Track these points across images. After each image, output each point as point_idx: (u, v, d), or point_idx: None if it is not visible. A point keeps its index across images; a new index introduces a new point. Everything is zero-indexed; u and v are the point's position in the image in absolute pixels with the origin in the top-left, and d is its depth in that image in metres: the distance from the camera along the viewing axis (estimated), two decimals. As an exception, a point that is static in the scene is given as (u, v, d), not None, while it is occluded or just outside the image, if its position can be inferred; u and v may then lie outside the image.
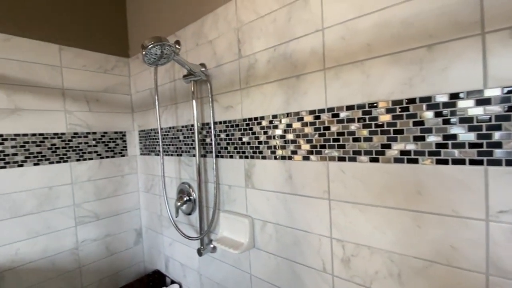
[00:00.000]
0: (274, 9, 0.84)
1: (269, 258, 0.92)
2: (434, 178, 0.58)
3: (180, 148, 1.26)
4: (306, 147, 0.79)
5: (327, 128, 0.74)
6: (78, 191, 1.35)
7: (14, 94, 1.17)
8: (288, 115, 0.83)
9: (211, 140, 1.09)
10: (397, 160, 0.63)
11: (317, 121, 0.76)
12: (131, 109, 1.59)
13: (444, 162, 0.56)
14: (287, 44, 0.81)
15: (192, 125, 1.18)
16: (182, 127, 1.24)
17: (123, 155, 1.54)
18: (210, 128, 1.09)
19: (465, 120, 0.54)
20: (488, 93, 0.51)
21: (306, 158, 0.79)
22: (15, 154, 1.16)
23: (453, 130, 0.55)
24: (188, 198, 1.22)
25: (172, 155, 1.32)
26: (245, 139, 0.96)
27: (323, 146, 0.75)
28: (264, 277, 0.94)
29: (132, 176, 1.58)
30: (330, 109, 0.73)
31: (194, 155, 1.17)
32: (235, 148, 1.00)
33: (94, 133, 1.42)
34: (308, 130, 0.78)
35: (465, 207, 0.54)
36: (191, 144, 1.20)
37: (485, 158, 0.52)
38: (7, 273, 1.14)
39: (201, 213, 1.14)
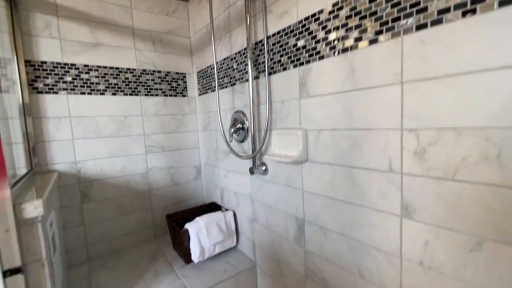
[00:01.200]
0: None
1: (323, 169, 0.85)
2: None
3: (234, 77, 1.26)
4: (374, 26, 0.67)
5: (403, -7, 0.60)
6: (147, 123, 1.51)
7: (96, 31, 1.33)
8: (351, -4, 0.71)
9: (264, 58, 1.04)
10: (502, 4, 0.46)
11: (389, -12, 0.62)
12: (190, 52, 1.66)
13: None
14: None
15: (245, 49, 1.15)
16: (236, 54, 1.23)
17: (184, 95, 1.64)
18: (263, 45, 1.04)
19: None
20: None
21: (373, 41, 0.67)
22: (98, 83, 1.35)
23: None
24: (241, 126, 1.22)
25: (226, 87, 1.33)
26: (300, 43, 0.88)
27: (396, 19, 0.62)
28: (317, 191, 0.88)
29: (192, 116, 1.68)
30: (409, -33, 0.59)
31: (247, 80, 1.15)
32: (289, 58, 0.93)
33: (159, 71, 1.54)
34: (376, 6, 0.65)
35: None
36: (244, 69, 1.18)
37: None
38: (95, 183, 1.36)
39: (254, 136, 1.13)
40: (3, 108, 0.70)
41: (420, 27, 0.58)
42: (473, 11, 0.50)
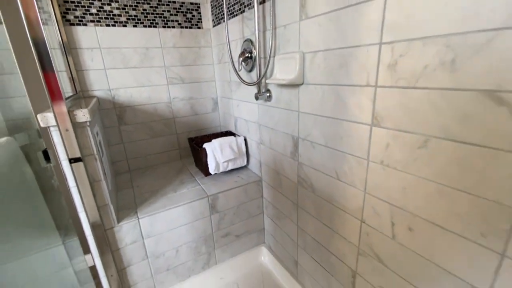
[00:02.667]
0: None
1: (315, 89, 0.93)
2: None
3: (243, 3, 1.27)
4: None
5: None
6: (167, 55, 1.63)
7: (111, -41, 1.37)
8: None
9: (269, -21, 1.04)
10: None
11: None
12: (203, -21, 1.63)
13: None
14: None
15: (253, -30, 1.13)
16: (245, -23, 1.22)
17: (199, 27, 1.69)
18: (268, -36, 1.02)
19: None
20: None
21: (365, -49, 0.67)
22: (119, 15, 1.45)
23: None
24: (249, 55, 1.29)
25: (236, 15, 1.35)
26: (301, -41, 0.87)
27: None
28: (309, 111, 0.99)
29: (207, 50, 1.76)
30: None
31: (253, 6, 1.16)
32: (292, -23, 0.93)
33: (174, 2, 1.58)
34: None
35: None
36: (252, -6, 1.18)
37: None
38: (128, 109, 1.59)
39: (259, 63, 1.21)
40: (47, 40, 0.86)
41: None
42: None
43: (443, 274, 0.66)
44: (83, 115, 0.93)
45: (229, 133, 1.77)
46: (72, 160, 0.95)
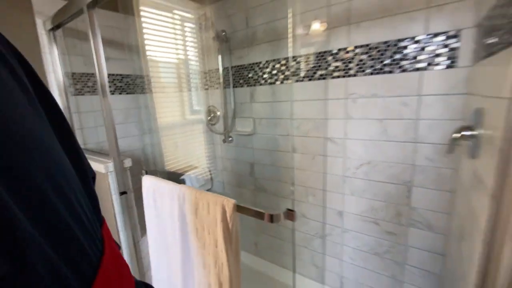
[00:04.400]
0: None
1: (262, 138, 1.81)
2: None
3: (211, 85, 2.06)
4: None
5: None
6: (142, 113, 2.15)
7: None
8: (273, 60, 1.64)
9: (232, 77, 1.89)
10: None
11: None
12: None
13: (335, 78, 1.42)
14: None
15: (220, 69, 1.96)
16: (207, 72, 2.02)
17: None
18: (228, 71, 1.88)
19: (342, 60, 1.39)
20: (349, 49, 1.35)
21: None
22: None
23: (338, 64, 1.40)
24: (213, 114, 2.06)
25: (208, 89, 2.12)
26: (250, 74, 1.78)
27: (290, 75, 1.59)
28: (259, 146, 1.85)
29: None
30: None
31: (218, 88, 1.97)
32: (245, 80, 1.82)
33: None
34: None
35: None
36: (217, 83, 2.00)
37: (347, 75, 1.38)
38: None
39: (225, 121, 2.00)
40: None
41: (297, 81, 1.56)
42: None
43: (328, 211, 1.60)
44: (127, 163, 1.43)
45: (192, 167, 2.38)
46: (121, 193, 1.41)
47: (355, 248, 1.54)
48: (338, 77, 1.39)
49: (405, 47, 1.17)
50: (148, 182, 1.23)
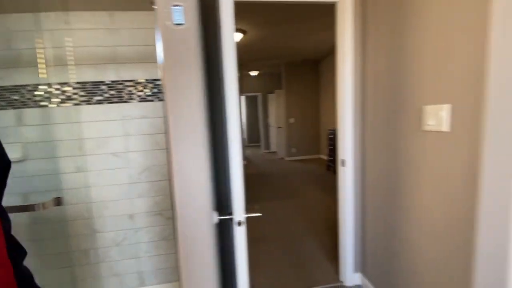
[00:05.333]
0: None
1: (38, 163, 1.72)
2: (109, 109, 1.74)
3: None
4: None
5: (68, 92, 1.71)
6: None
7: None
8: (46, 85, 1.69)
9: None
10: (98, 104, 1.74)
11: (63, 88, 1.70)
12: None
13: (111, 103, 1.74)
14: (43, 50, 1.66)
15: None
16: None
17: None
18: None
19: (116, 90, 1.74)
20: (120, 82, 1.74)
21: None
22: None
23: (113, 92, 1.74)
24: None
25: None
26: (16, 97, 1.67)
27: (67, 100, 1.71)
28: (34, 174, 1.73)
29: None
30: (69, 83, 1.70)
31: None
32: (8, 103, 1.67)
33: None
34: (58, 92, 1.70)
35: (118, 117, 1.75)
36: None
37: (121, 101, 1.75)
38: None
39: None
40: None
41: (76, 105, 1.72)
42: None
43: (121, 217, 1.81)
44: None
45: None
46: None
47: (148, 242, 1.85)
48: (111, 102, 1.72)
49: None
50: None
